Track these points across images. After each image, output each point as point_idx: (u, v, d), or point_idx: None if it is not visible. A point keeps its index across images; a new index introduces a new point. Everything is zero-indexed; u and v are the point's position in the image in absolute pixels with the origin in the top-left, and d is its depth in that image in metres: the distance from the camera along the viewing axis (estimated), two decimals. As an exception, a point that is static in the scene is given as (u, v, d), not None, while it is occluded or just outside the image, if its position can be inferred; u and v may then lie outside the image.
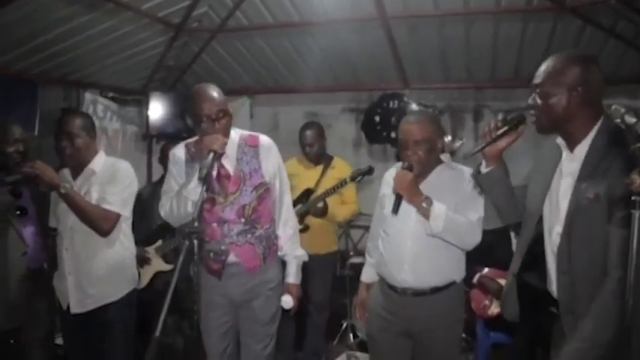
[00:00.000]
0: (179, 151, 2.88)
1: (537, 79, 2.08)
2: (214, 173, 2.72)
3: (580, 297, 1.96)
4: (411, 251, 2.72)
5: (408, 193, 2.61)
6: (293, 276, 3.01)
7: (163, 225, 4.28)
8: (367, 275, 3.15)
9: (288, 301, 2.95)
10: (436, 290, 2.73)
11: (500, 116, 2.27)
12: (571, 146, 2.08)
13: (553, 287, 2.10)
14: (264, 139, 2.90)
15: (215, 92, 2.71)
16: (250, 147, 2.84)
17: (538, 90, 2.08)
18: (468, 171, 2.72)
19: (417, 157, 2.70)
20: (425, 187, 2.71)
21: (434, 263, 2.70)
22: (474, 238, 2.66)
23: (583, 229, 1.96)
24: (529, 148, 2.41)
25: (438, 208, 2.58)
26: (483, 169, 2.31)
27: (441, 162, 2.84)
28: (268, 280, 2.90)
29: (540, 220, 2.19)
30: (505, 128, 2.20)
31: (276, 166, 2.90)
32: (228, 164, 2.79)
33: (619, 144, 1.89)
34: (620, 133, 1.86)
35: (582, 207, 1.95)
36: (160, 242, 4.28)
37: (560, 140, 2.14)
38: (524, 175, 2.40)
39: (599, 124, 2.02)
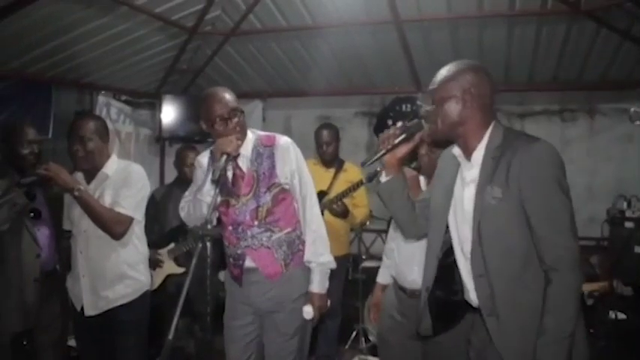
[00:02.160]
0: (203, 158, 2.87)
1: (432, 85, 2.15)
2: (230, 175, 2.73)
3: (499, 297, 1.97)
4: (421, 253, 2.69)
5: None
6: (316, 284, 2.76)
7: (176, 228, 4.30)
8: (383, 277, 3.16)
9: (308, 312, 2.72)
10: None
11: (398, 124, 2.29)
12: (467, 154, 2.11)
13: (471, 295, 2.10)
14: (281, 139, 2.80)
15: (226, 93, 2.72)
16: (266, 147, 2.76)
17: (433, 96, 2.13)
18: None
19: (427, 157, 2.73)
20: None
21: None
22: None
23: (492, 229, 1.98)
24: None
25: None
26: (383, 179, 2.34)
27: None
28: (292, 290, 2.74)
29: (447, 231, 2.20)
30: (403, 136, 2.23)
31: (293, 165, 2.75)
32: (243, 165, 2.75)
33: (511, 146, 1.96)
34: (510, 136, 2.00)
35: (489, 208, 1.97)
36: (172, 245, 4.29)
37: (456, 150, 2.16)
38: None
39: (490, 128, 2.07)
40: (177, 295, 4.26)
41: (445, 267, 2.20)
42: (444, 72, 2.14)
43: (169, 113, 6.06)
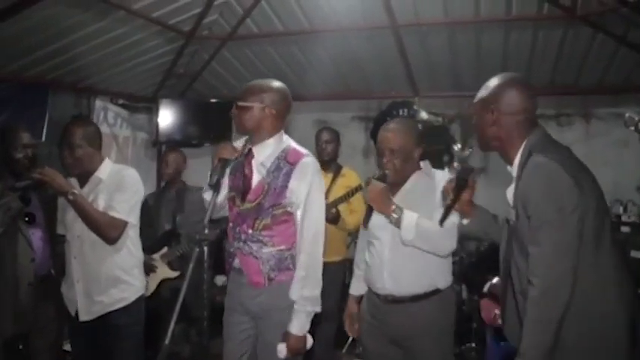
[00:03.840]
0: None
1: (475, 99, 2.23)
2: (240, 175, 2.73)
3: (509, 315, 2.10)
4: (389, 259, 2.77)
5: (378, 203, 2.68)
6: (295, 325, 2.56)
7: (168, 232, 4.30)
8: (355, 287, 3.16)
9: (281, 351, 2.55)
10: (417, 298, 2.75)
11: (448, 177, 2.43)
12: (509, 162, 2.16)
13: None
14: (305, 162, 2.62)
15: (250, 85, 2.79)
16: (288, 163, 2.62)
17: (474, 109, 2.21)
18: (443, 177, 2.76)
19: (391, 164, 2.76)
20: (401, 195, 2.80)
21: (412, 270, 2.73)
22: (447, 246, 2.68)
23: (514, 249, 2.05)
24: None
25: (408, 218, 2.63)
26: (464, 222, 2.40)
27: (418, 169, 2.87)
28: (279, 300, 2.62)
29: None
30: (458, 188, 2.29)
31: (304, 192, 2.58)
32: (258, 170, 2.67)
33: (528, 160, 1.99)
34: (530, 156, 1.99)
35: (512, 227, 2.06)
36: (165, 249, 4.28)
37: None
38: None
39: (524, 143, 2.08)
40: (172, 300, 4.28)
41: None
42: (484, 87, 2.20)
43: (166, 117, 6.04)
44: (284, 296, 2.60)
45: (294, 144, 2.72)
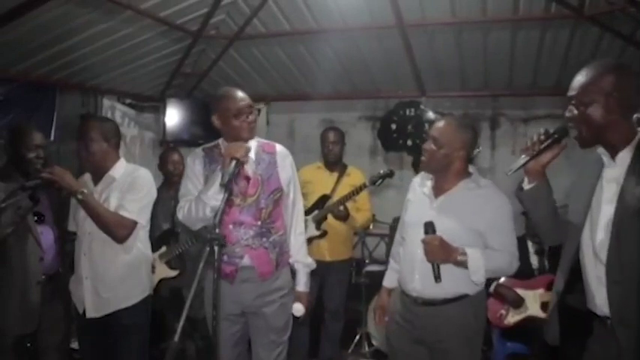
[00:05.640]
0: (197, 157, 2.93)
1: (572, 92, 2.07)
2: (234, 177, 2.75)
3: (631, 306, 1.91)
4: (421, 260, 2.66)
5: (443, 257, 2.58)
6: (303, 284, 3.03)
7: (166, 231, 4.30)
8: (389, 280, 3.12)
9: (299, 309, 2.96)
10: (447, 301, 2.68)
11: (542, 129, 2.21)
12: (613, 154, 2.05)
13: (596, 301, 2.04)
14: (280, 147, 3.01)
15: (243, 92, 2.86)
16: (267, 153, 2.94)
17: (574, 101, 2.06)
18: (493, 192, 2.69)
19: (430, 151, 2.71)
20: (446, 201, 2.72)
21: (444, 273, 2.60)
22: (515, 267, 2.68)
23: (633, 233, 1.90)
24: (564, 165, 2.35)
25: (475, 262, 2.57)
26: (526, 186, 2.25)
27: (466, 175, 2.77)
28: (280, 288, 2.92)
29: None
30: (549, 141, 2.16)
31: (290, 174, 2.98)
32: (248, 167, 2.83)
33: None
34: None
35: (631, 210, 1.91)
36: (164, 248, 4.28)
37: (601, 149, 2.10)
38: (561, 193, 2.33)
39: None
40: (171, 299, 4.29)
41: (576, 272, 2.15)
42: (583, 75, 2.07)
43: (173, 117, 6.07)
44: (286, 281, 2.97)
45: (259, 138, 3.02)
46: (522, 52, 5.00)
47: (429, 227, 2.60)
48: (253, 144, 2.88)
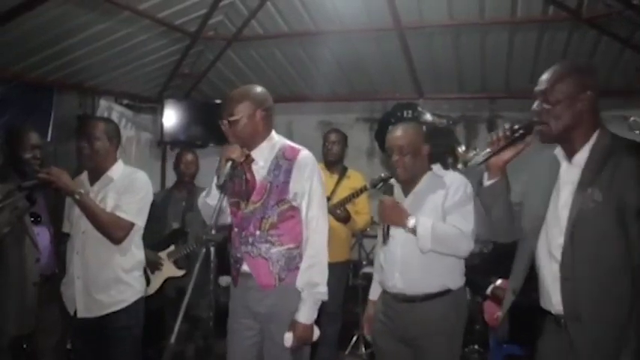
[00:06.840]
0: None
1: (542, 85, 2.10)
2: (239, 180, 2.72)
3: (583, 302, 1.95)
4: (401, 258, 2.78)
5: (392, 218, 2.75)
6: (303, 314, 2.58)
7: (175, 230, 4.31)
8: (374, 292, 3.13)
9: (287, 339, 2.55)
10: (428, 297, 2.75)
11: (507, 125, 2.21)
12: (569, 155, 2.09)
13: (552, 300, 2.07)
14: (303, 156, 2.66)
15: (235, 93, 2.73)
16: (286, 160, 2.66)
17: (545, 96, 2.08)
18: (453, 177, 2.80)
19: (401, 162, 2.79)
20: (412, 196, 2.84)
21: (423, 270, 2.73)
22: (467, 247, 2.70)
23: (587, 234, 1.95)
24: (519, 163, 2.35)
25: (423, 227, 2.66)
26: (486, 182, 2.24)
27: (429, 170, 2.89)
28: (289, 303, 2.60)
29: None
30: (514, 136, 2.15)
31: (306, 187, 2.62)
32: (258, 172, 2.69)
33: (619, 151, 1.94)
34: (617, 141, 1.96)
35: (587, 211, 1.94)
36: (172, 247, 4.29)
37: (558, 150, 2.13)
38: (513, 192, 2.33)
39: (597, 131, 2.04)
40: (176, 299, 4.30)
41: (532, 270, 2.19)
42: (557, 70, 2.10)
43: (171, 118, 6.07)
44: (295, 299, 2.59)
45: (288, 141, 2.75)
46: (520, 55, 5.01)
47: (388, 189, 2.80)
48: (272, 148, 2.70)
